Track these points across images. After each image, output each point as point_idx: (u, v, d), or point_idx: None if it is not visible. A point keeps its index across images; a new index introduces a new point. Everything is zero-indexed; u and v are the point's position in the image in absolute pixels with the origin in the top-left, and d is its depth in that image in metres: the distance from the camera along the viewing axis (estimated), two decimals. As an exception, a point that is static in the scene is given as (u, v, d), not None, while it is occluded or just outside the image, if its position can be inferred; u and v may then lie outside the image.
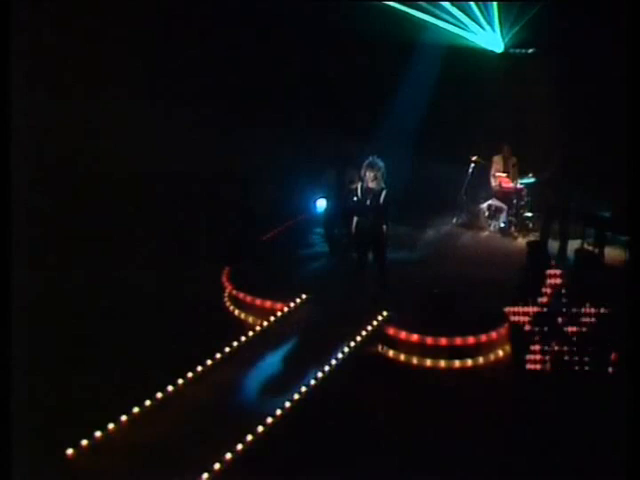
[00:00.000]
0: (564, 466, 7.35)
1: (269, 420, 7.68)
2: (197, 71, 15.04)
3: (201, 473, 6.84)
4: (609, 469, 7.05)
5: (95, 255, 12.09)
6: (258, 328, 9.85)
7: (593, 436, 7.74)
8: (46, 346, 8.99)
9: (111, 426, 7.49)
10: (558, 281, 9.35)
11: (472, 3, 16.14)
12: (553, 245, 12.51)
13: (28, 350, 8.03)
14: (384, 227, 10.36)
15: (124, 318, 10.07)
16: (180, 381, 8.36)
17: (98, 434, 7.36)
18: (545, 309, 9.32)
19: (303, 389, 8.28)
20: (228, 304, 11.09)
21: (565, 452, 7.57)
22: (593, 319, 9.14)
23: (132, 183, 14.12)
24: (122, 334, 9.60)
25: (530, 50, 16.11)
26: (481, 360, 9.58)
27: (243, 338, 9.48)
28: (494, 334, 9.71)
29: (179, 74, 15.07)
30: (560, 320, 9.25)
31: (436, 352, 9.48)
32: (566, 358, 9.17)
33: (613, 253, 12.16)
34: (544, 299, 9.34)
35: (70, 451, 7.14)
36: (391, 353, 9.62)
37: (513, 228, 14.01)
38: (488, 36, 16.32)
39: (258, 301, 10.68)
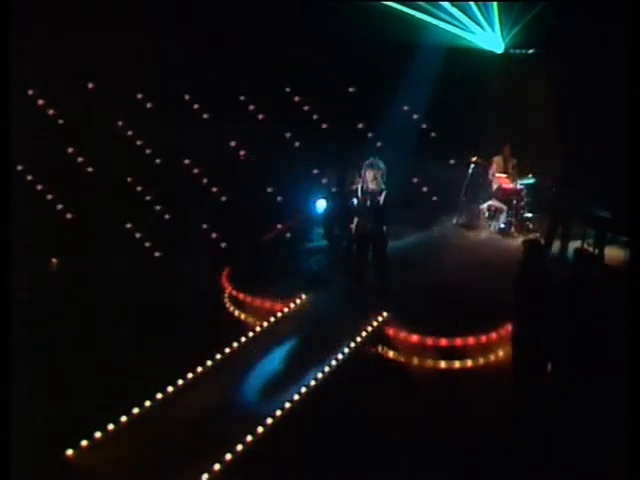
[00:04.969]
0: (564, 466, 7.35)
1: (269, 421, 7.68)
2: (197, 70, 15.03)
3: (201, 474, 6.84)
4: (609, 470, 7.05)
5: (95, 255, 12.09)
6: (258, 328, 9.85)
7: (593, 436, 7.73)
8: (46, 346, 8.99)
9: (111, 426, 7.49)
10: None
11: (472, 3, 16.12)
12: (555, 246, 12.51)
13: (28, 350, 8.05)
14: (384, 228, 10.35)
15: (124, 318, 10.06)
16: (180, 382, 8.36)
17: (98, 434, 7.37)
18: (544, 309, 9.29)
19: (303, 390, 8.28)
20: (228, 304, 11.08)
21: (565, 452, 7.57)
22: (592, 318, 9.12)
23: (133, 182, 14.13)
24: (122, 334, 9.60)
25: (530, 51, 16.09)
26: (481, 360, 9.59)
27: (243, 338, 9.48)
28: (494, 334, 9.71)
29: (180, 73, 15.06)
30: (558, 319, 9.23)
31: (436, 352, 9.48)
32: (566, 358, 9.16)
33: (613, 253, 12.15)
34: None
35: (70, 451, 7.15)
36: (391, 354, 9.63)
37: (513, 229, 13.98)
38: (488, 36, 16.29)
39: (258, 301, 10.68)
